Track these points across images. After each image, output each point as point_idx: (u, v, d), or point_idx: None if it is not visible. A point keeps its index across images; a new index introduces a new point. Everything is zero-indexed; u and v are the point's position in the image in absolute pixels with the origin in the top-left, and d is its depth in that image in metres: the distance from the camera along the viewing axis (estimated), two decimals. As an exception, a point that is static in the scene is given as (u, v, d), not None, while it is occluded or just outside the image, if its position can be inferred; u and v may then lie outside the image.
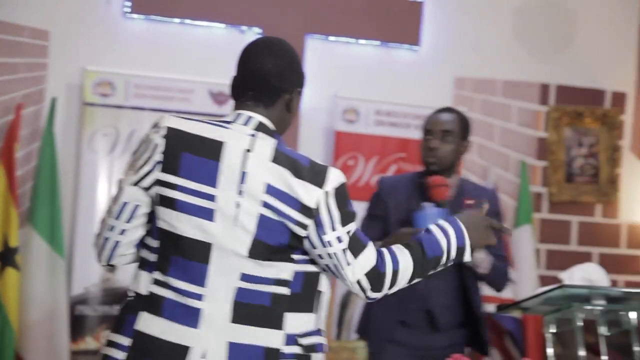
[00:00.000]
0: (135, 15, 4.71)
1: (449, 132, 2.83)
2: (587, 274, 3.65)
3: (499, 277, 2.79)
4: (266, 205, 1.89)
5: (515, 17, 5.19)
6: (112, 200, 1.97)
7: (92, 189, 4.38)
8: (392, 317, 2.87)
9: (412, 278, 2.02)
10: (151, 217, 1.95)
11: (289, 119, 2.06)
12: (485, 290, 4.74)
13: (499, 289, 2.88)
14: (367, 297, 2.00)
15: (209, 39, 4.85)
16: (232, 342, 1.89)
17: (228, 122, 1.96)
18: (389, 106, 4.91)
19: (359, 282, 1.97)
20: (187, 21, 4.83)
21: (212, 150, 1.89)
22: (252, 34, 4.93)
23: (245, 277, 1.91)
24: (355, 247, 1.96)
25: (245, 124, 1.95)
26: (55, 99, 4.39)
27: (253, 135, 1.93)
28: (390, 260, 1.99)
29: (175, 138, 1.90)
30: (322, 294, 2.01)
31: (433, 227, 2.07)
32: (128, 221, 1.94)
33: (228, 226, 1.88)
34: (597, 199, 5.16)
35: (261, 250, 1.89)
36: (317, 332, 2.00)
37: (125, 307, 1.95)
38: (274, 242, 1.90)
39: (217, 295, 1.89)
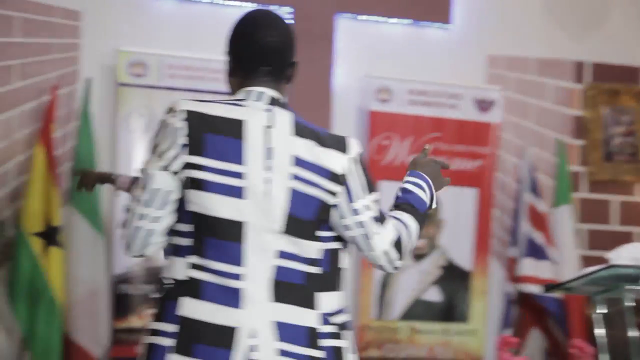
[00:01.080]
0: (164, -5, 4.66)
1: None
2: (634, 254, 3.60)
3: None
4: (296, 177, 1.89)
5: (548, -6, 5.13)
6: (138, 187, 1.91)
7: (130, 169, 4.32)
8: None
9: (417, 239, 2.08)
10: (180, 202, 1.91)
11: (287, 89, 2.07)
12: (527, 270, 4.74)
13: None
14: (394, 267, 2.02)
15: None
16: (277, 322, 1.89)
17: (240, 100, 1.95)
18: (422, 85, 4.86)
19: (386, 253, 1.98)
20: (218, 1, 4.77)
21: (233, 129, 1.88)
22: (283, 13, 4.87)
23: (282, 254, 1.90)
24: (380, 217, 2.00)
25: (258, 100, 1.94)
26: (90, 80, 4.34)
27: (269, 111, 1.93)
28: (403, 227, 2.03)
29: (196, 120, 1.88)
30: (344, 271, 2.04)
31: (409, 186, 2.11)
32: (161, 208, 1.88)
33: (259, 203, 1.88)
34: (636, 177, 5.11)
35: (294, 225, 1.90)
36: (344, 310, 2.01)
37: (165, 294, 1.92)
38: (305, 215, 1.91)
39: (255, 274, 1.87)
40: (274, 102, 1.95)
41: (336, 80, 4.86)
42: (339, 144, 1.96)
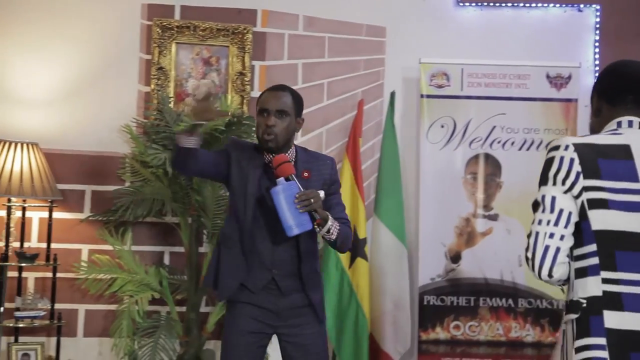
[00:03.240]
0: (466, 4, 4.68)
1: (284, 111, 2.96)
2: None
3: (345, 240, 2.99)
4: None
5: None
6: (540, 211, 2.09)
7: (433, 180, 4.40)
8: (238, 279, 2.99)
9: None
10: (578, 227, 2.07)
11: None
12: None
13: (343, 250, 3.09)
14: None
15: (543, 20, 4.68)
16: None
17: (616, 130, 2.13)
18: None
19: None
20: (521, 4, 4.70)
21: (622, 152, 2.07)
22: (591, 12, 4.67)
23: None
24: None
25: (630, 126, 2.12)
26: (394, 93, 4.48)
27: None
28: None
29: (585, 149, 2.07)
30: None
31: None
32: (565, 227, 2.05)
33: None
34: None
35: None
36: None
37: (583, 312, 2.04)
38: None
39: None
40: None
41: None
42: None
